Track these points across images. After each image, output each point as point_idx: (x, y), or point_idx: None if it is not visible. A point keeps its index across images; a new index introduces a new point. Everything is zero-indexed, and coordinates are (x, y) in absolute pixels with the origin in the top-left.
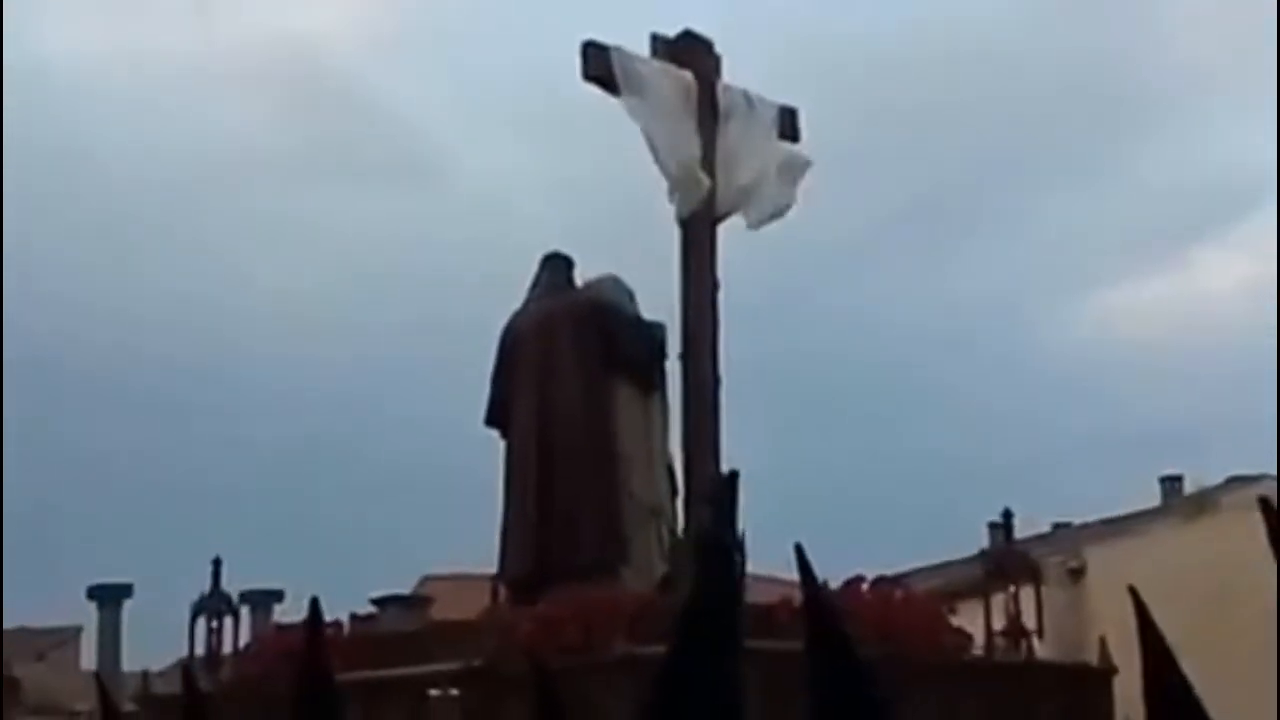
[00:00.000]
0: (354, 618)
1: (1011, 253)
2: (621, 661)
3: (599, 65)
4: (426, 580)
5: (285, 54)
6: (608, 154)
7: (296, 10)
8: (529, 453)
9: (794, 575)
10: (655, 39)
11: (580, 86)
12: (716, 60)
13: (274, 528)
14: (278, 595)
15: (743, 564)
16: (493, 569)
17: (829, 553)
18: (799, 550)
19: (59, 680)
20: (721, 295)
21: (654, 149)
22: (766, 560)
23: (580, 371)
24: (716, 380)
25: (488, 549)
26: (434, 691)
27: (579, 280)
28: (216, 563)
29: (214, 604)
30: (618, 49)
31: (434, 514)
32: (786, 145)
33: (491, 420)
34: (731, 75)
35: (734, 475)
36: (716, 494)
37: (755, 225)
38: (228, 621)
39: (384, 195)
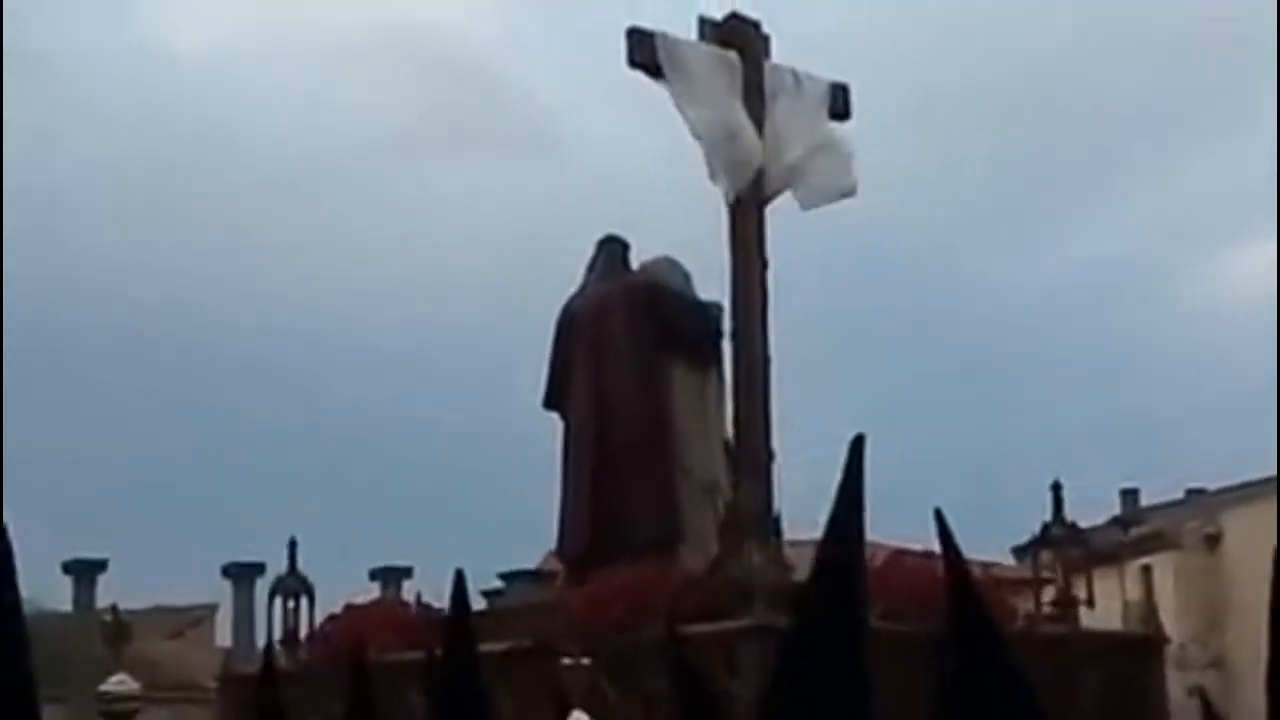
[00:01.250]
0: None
1: (1148, 211)
2: (666, 639)
3: (643, 51)
4: (552, 554)
5: (407, 30)
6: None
7: None
8: (585, 432)
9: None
10: (703, 21)
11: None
12: (765, 40)
13: (406, 503)
14: (407, 572)
15: (779, 541)
16: None
17: (955, 518)
18: (940, 518)
19: (195, 658)
20: (770, 275)
21: (697, 133)
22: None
23: (635, 352)
24: (766, 359)
25: None
26: (566, 660)
27: (635, 262)
28: (292, 544)
29: (290, 584)
30: (662, 34)
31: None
32: (835, 125)
33: (549, 402)
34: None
35: (860, 439)
36: (846, 459)
37: (808, 206)
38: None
39: (506, 167)
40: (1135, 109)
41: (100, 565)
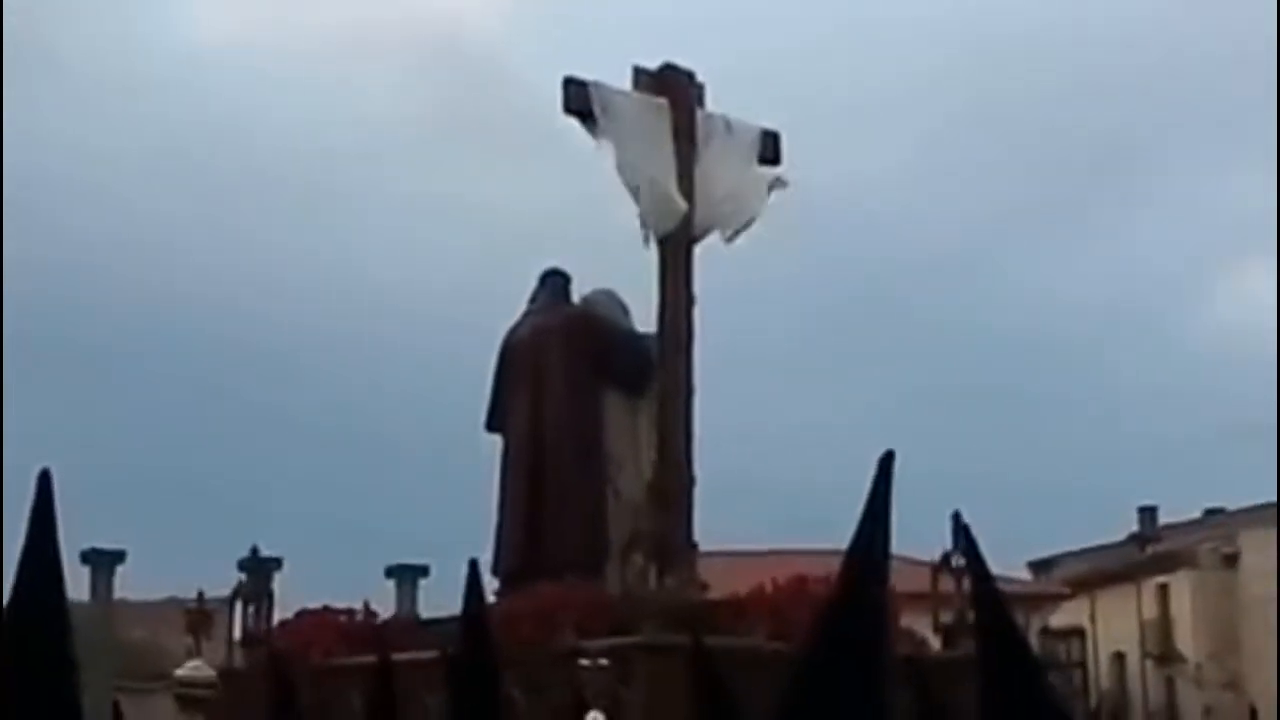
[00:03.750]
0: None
1: (1180, 227)
2: (569, 654)
3: (579, 99)
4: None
5: (425, 26)
6: None
7: None
8: (521, 455)
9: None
10: (638, 71)
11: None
12: (699, 89)
13: (429, 502)
14: (423, 570)
15: (693, 561)
16: None
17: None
18: (962, 526)
19: (208, 650)
20: (697, 311)
21: (627, 178)
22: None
23: (570, 380)
24: (690, 390)
25: None
26: (584, 661)
27: (576, 295)
28: (253, 550)
29: (249, 590)
30: (596, 84)
31: None
32: (765, 168)
33: (491, 425)
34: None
35: (889, 456)
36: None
37: (730, 239)
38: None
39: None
40: (1173, 123)
41: (118, 556)
